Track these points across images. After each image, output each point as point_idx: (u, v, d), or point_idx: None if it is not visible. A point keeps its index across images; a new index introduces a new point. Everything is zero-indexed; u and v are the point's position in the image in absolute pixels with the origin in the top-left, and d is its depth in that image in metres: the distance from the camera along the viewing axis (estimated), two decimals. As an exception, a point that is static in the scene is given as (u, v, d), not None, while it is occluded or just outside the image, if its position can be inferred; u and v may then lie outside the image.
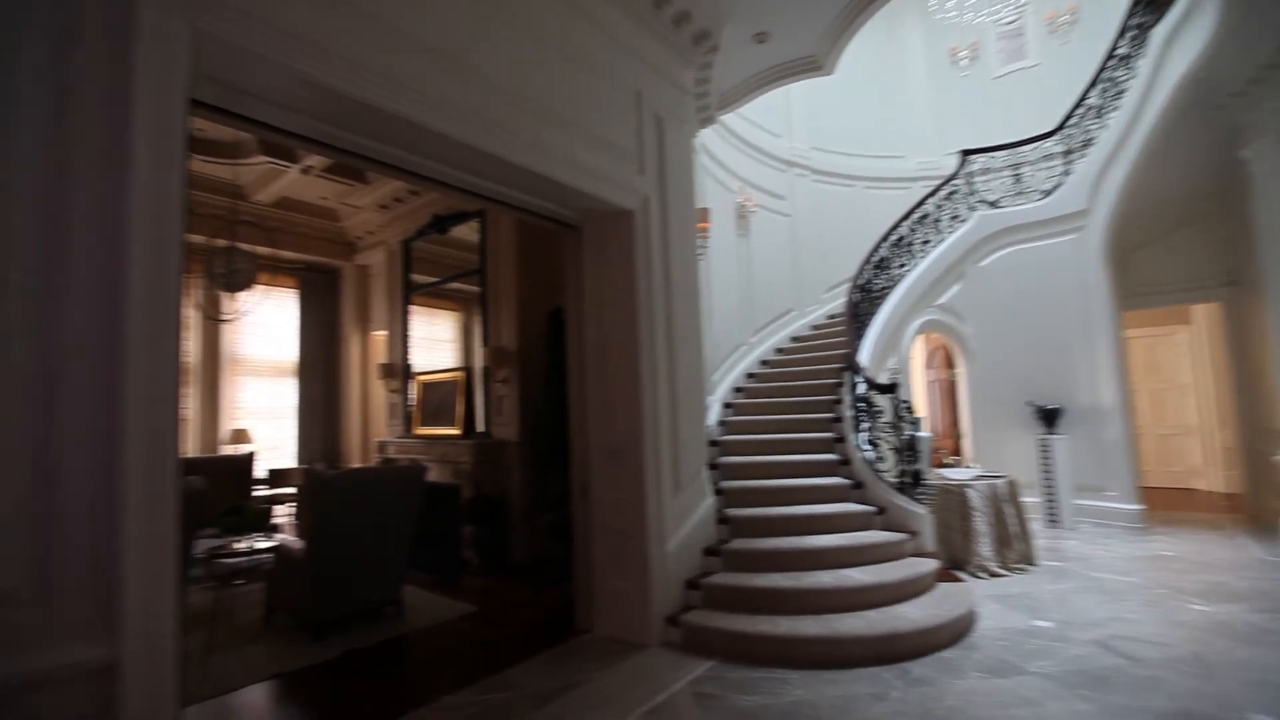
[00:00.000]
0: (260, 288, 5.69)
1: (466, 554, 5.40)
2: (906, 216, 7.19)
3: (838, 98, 8.49)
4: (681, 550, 3.83)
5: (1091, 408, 6.29)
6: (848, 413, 5.19)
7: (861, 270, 6.57)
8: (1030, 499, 5.74)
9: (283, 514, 7.09)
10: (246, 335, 7.82)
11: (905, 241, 7.14)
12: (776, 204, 7.93)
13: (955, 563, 4.71)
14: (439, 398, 6.45)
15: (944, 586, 3.98)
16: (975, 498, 4.80)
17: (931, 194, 7.39)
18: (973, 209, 7.28)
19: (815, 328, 7.91)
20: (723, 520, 4.27)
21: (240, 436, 7.59)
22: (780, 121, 8.11)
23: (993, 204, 7.19)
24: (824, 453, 5.10)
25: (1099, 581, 4.38)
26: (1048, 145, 7.07)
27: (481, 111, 2.85)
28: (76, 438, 1.64)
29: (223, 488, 6.00)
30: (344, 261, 8.44)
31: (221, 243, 5.30)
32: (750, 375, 6.85)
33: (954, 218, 7.33)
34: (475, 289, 6.35)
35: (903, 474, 4.61)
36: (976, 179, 7.44)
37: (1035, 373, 6.62)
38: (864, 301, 6.47)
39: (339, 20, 2.32)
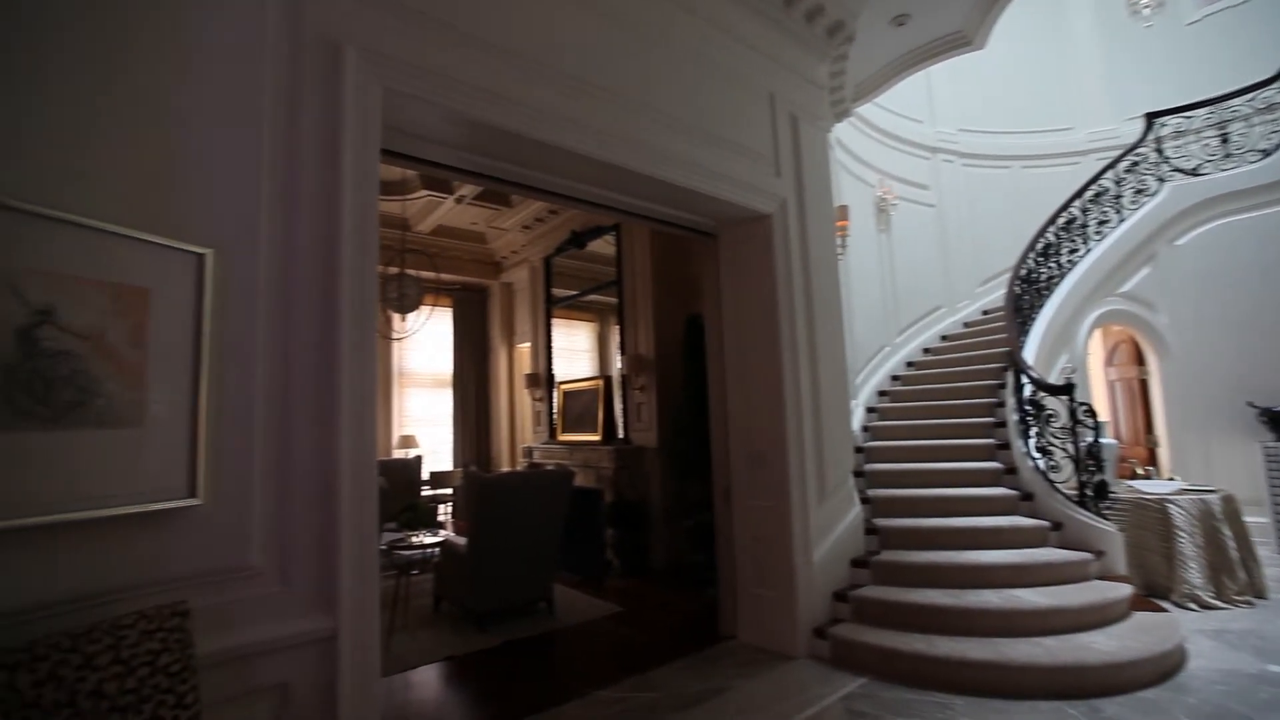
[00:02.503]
0: (425, 308, 6.33)
1: (608, 556, 5.61)
2: (1078, 195, 6.39)
3: (987, 72, 7.76)
4: (828, 560, 3.69)
5: (1339, 409, 5.16)
6: (1012, 416, 4.71)
7: (1023, 259, 5.93)
8: (1256, 519, 4.82)
9: (442, 512, 7.82)
10: (411, 351, 8.74)
11: (1076, 224, 6.35)
12: (920, 194, 7.41)
13: (1154, 589, 4.09)
14: (580, 405, 6.78)
15: (1141, 616, 3.47)
16: (1179, 515, 4.14)
17: (1109, 167, 6.50)
18: (1163, 180, 6.31)
19: (968, 325, 7.27)
20: (871, 531, 4.06)
21: (408, 442, 8.49)
22: (921, 106, 7.58)
23: (1191, 172, 6.18)
24: (984, 460, 4.66)
25: (1360, 622, 3.59)
26: (1268, 94, 5.94)
27: (619, 129, 2.97)
28: (303, 447, 1.94)
29: (397, 487, 6.76)
30: (491, 280, 9.16)
31: (393, 270, 5.99)
32: (895, 378, 6.44)
33: (1139, 191, 6.40)
34: (611, 300, 6.60)
35: (1083, 485, 4.09)
36: (1167, 144, 6.44)
37: (1256, 368, 5.57)
38: (1027, 294, 5.83)
39: (488, 60, 2.52)
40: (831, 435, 3.89)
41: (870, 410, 5.83)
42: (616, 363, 6.55)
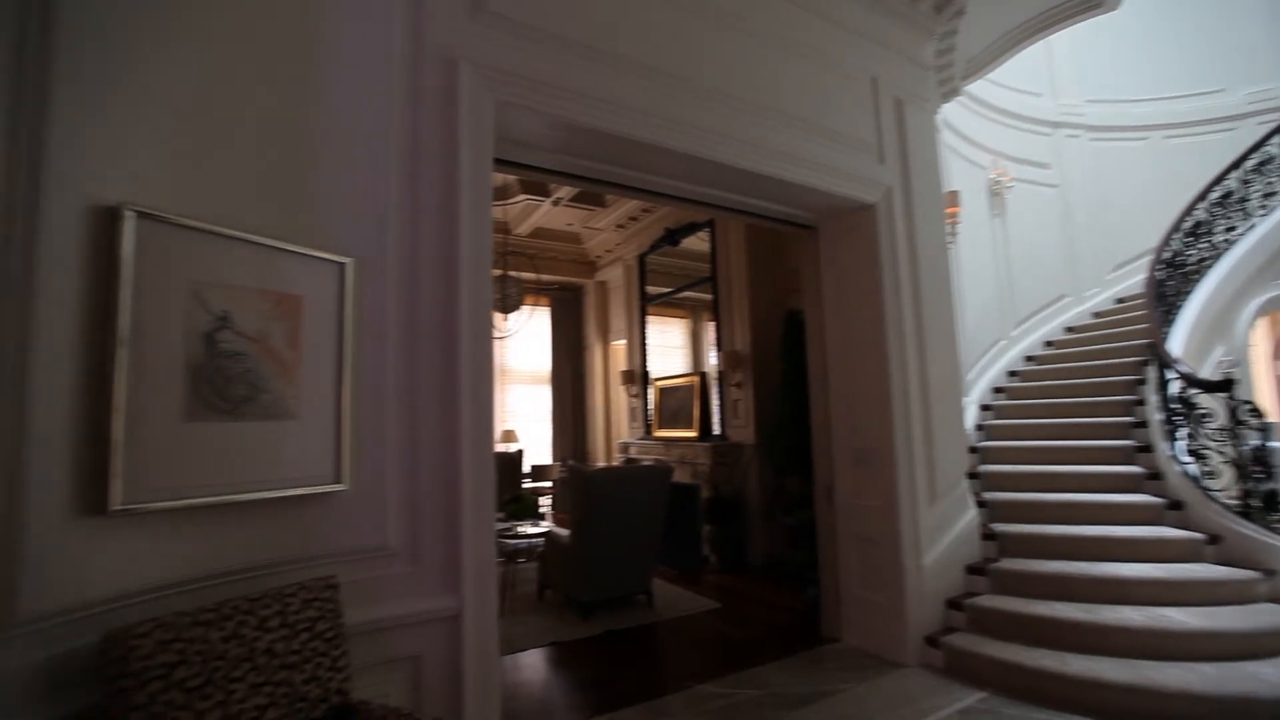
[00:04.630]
0: (526, 308, 6.62)
1: (705, 551, 5.61)
2: (1236, 165, 5.62)
3: (1118, 34, 7.00)
4: (940, 565, 3.51)
5: None
6: (1155, 416, 4.25)
7: (1167, 240, 5.32)
8: None
9: (543, 504, 8.13)
10: (511, 349, 9.14)
11: (1234, 197, 5.59)
12: (1039, 174, 6.83)
13: (1340, 616, 3.54)
14: (675, 401, 6.82)
15: (1325, 646, 3.02)
16: (1373, 531, 3.55)
17: (1277, 130, 5.68)
18: (1348, 143, 5.43)
19: (1098, 315, 6.62)
20: (989, 536, 3.81)
21: (509, 436, 8.90)
22: (1040, 77, 6.97)
23: (1384, 132, 5.28)
24: (1121, 464, 4.24)
25: None
26: None
27: (716, 125, 2.96)
28: (428, 439, 2.10)
29: (502, 479, 7.11)
30: (586, 279, 9.40)
31: (496, 271, 6.29)
32: (1013, 373, 5.98)
33: (1315, 158, 5.55)
34: (705, 296, 6.58)
35: (1247, 494, 3.61)
36: (1353, 102, 5.54)
37: None
38: (1171, 279, 5.22)
39: (590, 66, 2.60)
40: (943, 434, 3.68)
41: (985, 408, 5.46)
42: (710, 359, 6.53)
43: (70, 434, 1.42)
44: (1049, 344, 6.38)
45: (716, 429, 6.24)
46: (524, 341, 8.91)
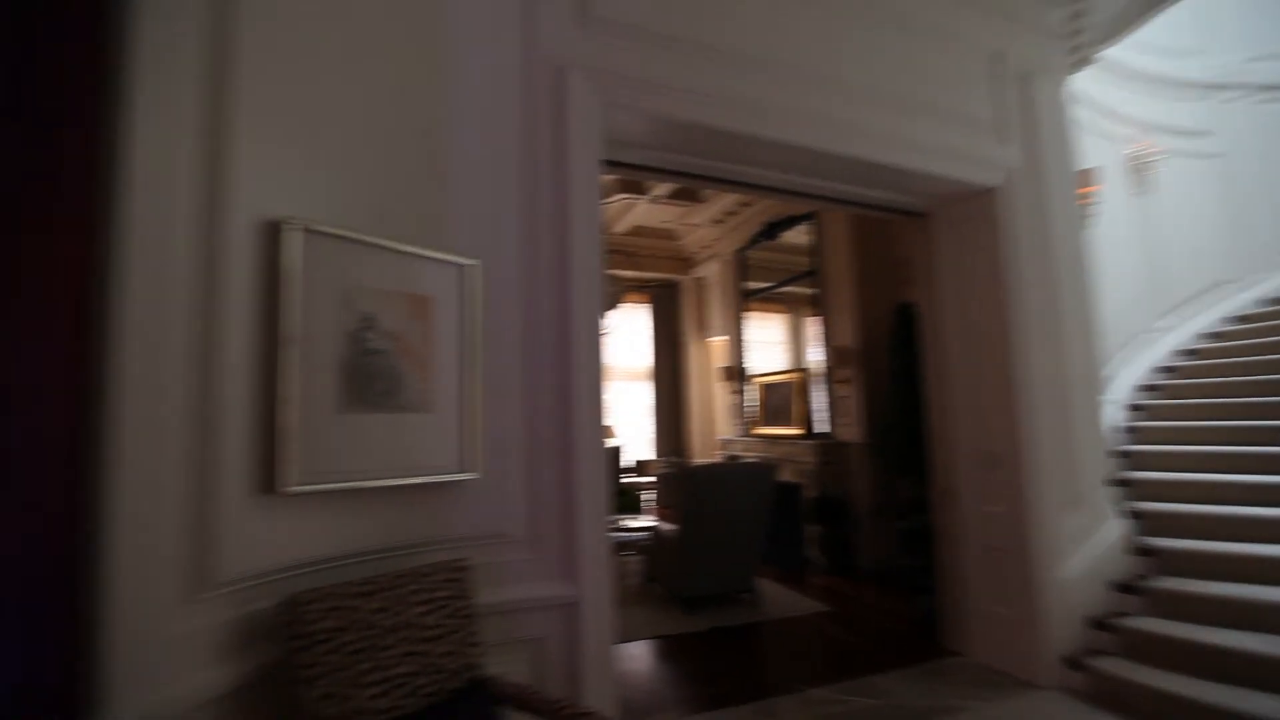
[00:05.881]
0: (626, 305, 6.72)
1: (809, 552, 5.46)
2: None
3: (1298, -24, 6.06)
4: (1080, 580, 3.19)
5: None
6: (1354, 418, 3.63)
7: (1366, 212, 4.54)
8: None
9: (646, 498, 8.22)
10: (610, 345, 9.33)
11: None
12: (1192, 144, 6.04)
13: None
14: (778, 398, 6.68)
15: None
16: None
17: None
18: None
19: (1274, 302, 5.76)
20: (1144, 551, 3.42)
21: (606, 432, 9.07)
22: (1191, 34, 6.14)
23: None
24: (1310, 473, 3.66)
25: None
26: None
27: (821, 112, 2.86)
28: (546, 431, 2.19)
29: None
30: (682, 276, 9.40)
31: (597, 272, 6.45)
32: (1167, 369, 5.33)
33: None
34: (807, 291, 6.39)
35: None
36: None
37: None
38: (1373, 257, 4.45)
39: (695, 61, 2.60)
40: (1079, 436, 3.36)
41: (1136, 408, 4.89)
42: (811, 354, 6.34)
43: (249, 423, 1.60)
44: (1210, 335, 5.63)
45: (819, 426, 6.04)
46: (623, 338, 9.06)
